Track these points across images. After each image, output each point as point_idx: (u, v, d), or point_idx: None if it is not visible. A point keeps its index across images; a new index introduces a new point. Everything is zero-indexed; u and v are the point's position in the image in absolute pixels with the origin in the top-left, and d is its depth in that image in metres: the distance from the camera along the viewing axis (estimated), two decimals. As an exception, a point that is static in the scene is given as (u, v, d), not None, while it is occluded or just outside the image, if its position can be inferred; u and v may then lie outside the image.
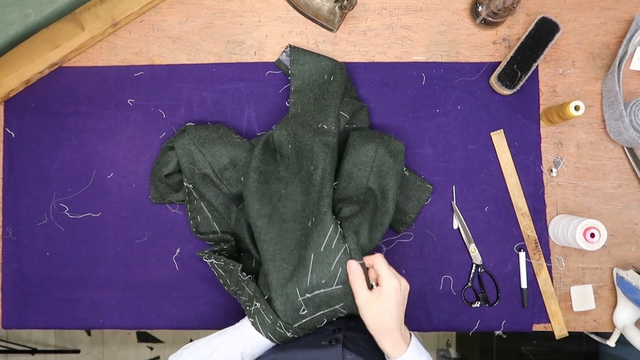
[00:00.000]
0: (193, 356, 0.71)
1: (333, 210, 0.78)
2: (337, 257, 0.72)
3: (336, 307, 0.73)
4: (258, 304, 0.74)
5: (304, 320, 0.73)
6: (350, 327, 0.74)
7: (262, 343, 0.72)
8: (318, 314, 0.73)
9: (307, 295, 0.72)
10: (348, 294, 0.72)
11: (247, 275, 0.78)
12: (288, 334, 0.72)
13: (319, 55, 0.89)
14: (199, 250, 0.90)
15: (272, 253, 0.75)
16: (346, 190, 0.81)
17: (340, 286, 0.72)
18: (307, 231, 0.75)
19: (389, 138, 0.82)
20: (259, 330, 0.72)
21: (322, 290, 0.72)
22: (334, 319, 0.76)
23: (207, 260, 0.84)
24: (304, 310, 0.73)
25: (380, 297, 0.67)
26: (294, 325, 0.72)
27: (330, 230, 0.74)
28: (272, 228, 0.75)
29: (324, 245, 0.73)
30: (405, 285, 0.69)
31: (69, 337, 1.93)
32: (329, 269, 0.72)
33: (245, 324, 0.74)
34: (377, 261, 0.69)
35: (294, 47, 0.90)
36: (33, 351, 1.84)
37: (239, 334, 0.72)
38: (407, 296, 0.70)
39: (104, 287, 0.91)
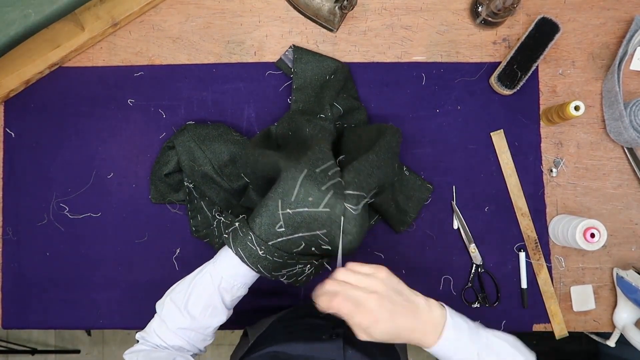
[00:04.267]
0: (174, 301, 0.67)
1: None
2: (332, 182, 0.68)
3: (317, 232, 0.68)
4: (237, 223, 0.70)
5: (279, 240, 0.68)
6: None
7: (238, 272, 0.68)
8: (296, 235, 0.68)
9: (289, 210, 0.67)
10: (334, 221, 0.67)
11: (242, 215, 0.75)
12: (260, 252, 0.67)
13: (322, 55, 0.90)
14: (199, 250, 0.90)
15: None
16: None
17: (327, 209, 0.66)
18: (305, 155, 0.71)
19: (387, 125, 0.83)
20: (230, 246, 0.68)
21: (305, 209, 0.67)
22: (317, 255, 0.71)
23: (218, 217, 0.81)
24: (280, 227, 0.67)
25: (371, 334, 0.57)
26: (269, 243, 0.68)
27: (331, 162, 0.70)
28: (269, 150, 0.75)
29: (321, 168, 0.69)
30: (380, 287, 0.58)
31: (69, 337, 1.93)
32: (320, 187, 0.67)
33: (219, 254, 0.70)
34: (337, 274, 0.60)
35: (298, 47, 0.90)
36: (33, 351, 1.83)
37: (212, 267, 0.68)
38: (393, 283, 0.60)
39: (104, 287, 0.91)
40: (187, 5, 0.92)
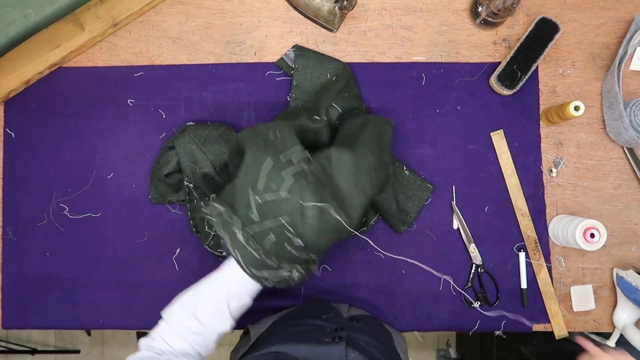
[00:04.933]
0: (182, 309, 0.68)
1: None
2: (296, 170, 0.69)
3: (281, 219, 0.68)
4: (223, 208, 0.71)
5: (253, 225, 0.68)
6: (353, 327, 0.74)
7: (244, 277, 0.69)
8: (265, 222, 0.69)
9: (257, 197, 0.68)
10: (295, 207, 0.68)
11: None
12: (240, 237, 0.68)
13: (323, 54, 0.90)
14: (199, 250, 0.90)
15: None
16: None
17: (289, 195, 0.67)
18: (273, 146, 0.73)
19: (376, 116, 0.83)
20: (219, 230, 0.69)
21: (270, 194, 0.68)
22: (297, 259, 0.71)
23: (206, 216, 0.80)
24: (252, 212, 0.69)
25: None
26: (246, 228, 0.68)
27: (295, 147, 0.72)
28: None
29: (284, 154, 0.70)
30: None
31: (69, 338, 1.93)
32: (280, 174, 0.68)
33: (225, 262, 0.71)
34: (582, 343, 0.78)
35: (300, 46, 0.90)
36: (33, 351, 1.84)
37: (220, 273, 0.70)
38: None
39: (104, 287, 0.91)
40: (187, 5, 0.92)
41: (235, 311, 0.70)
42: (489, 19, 0.88)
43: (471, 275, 0.90)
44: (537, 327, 0.91)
